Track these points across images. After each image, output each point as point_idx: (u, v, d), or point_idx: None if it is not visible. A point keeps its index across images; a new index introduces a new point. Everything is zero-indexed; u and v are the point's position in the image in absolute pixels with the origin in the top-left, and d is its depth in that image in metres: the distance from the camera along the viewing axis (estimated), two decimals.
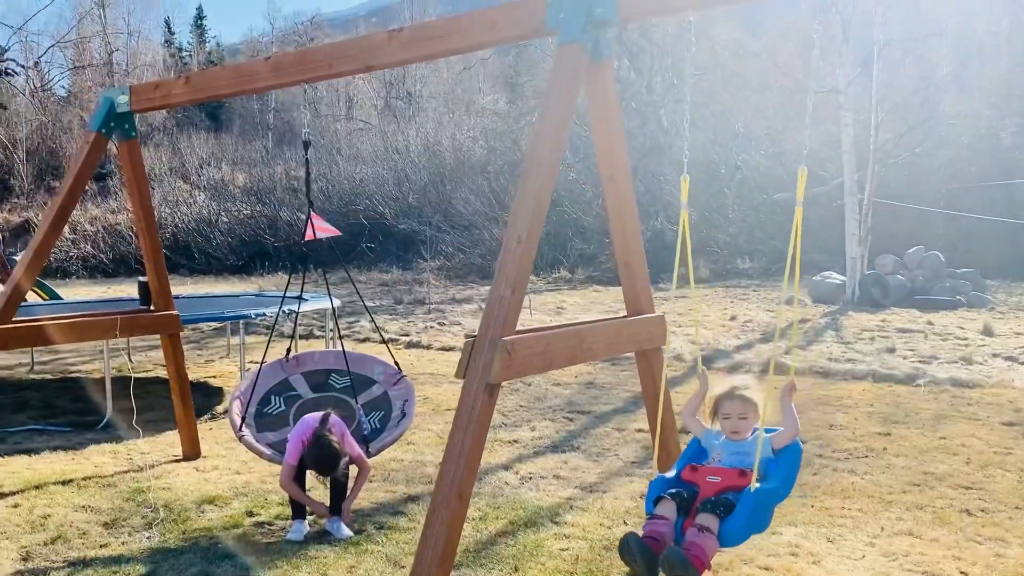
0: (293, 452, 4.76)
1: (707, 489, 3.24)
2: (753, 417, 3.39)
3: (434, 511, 3.08)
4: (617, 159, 3.97)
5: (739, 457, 3.32)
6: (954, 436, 6.83)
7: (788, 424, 3.32)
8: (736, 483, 3.18)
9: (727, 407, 3.40)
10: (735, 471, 3.24)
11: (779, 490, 3.28)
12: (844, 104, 17.44)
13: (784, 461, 3.32)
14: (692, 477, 3.32)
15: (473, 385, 3.19)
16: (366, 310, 6.49)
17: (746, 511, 3.08)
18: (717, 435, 3.53)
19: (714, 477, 3.26)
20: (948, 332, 12.32)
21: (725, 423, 3.43)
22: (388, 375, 6.00)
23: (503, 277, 3.30)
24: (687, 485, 3.30)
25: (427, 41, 4.13)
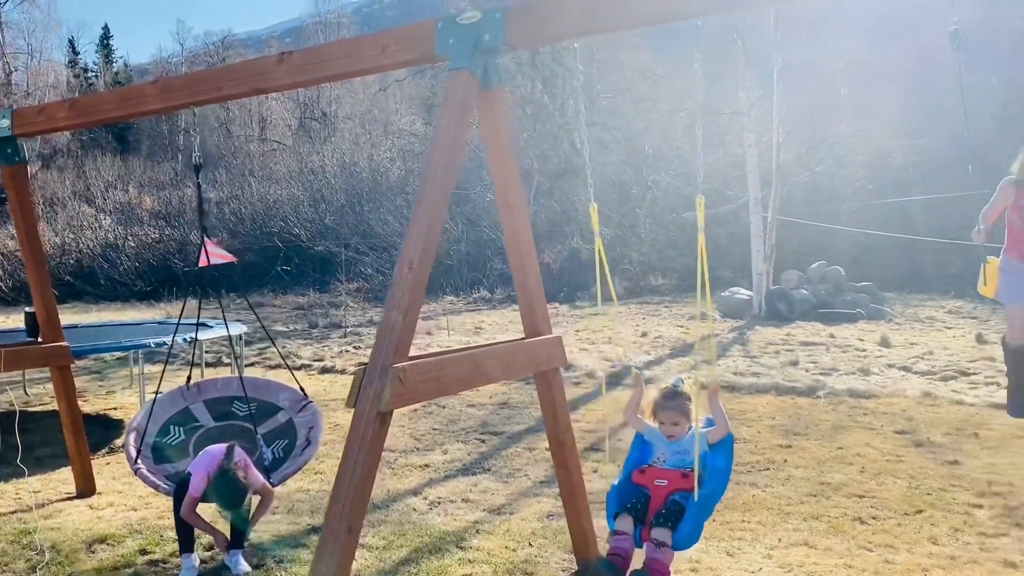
0: (197, 484, 4.61)
1: (656, 494, 3.55)
2: (685, 421, 3.63)
3: (323, 545, 3.02)
4: (511, 185, 4.01)
5: (680, 456, 3.61)
6: (850, 446, 7.08)
7: (719, 421, 3.62)
8: (681, 485, 3.50)
9: (662, 414, 3.64)
10: (678, 473, 3.55)
11: (718, 487, 3.59)
12: (747, 126, 18.02)
13: (719, 456, 3.61)
14: (641, 480, 3.60)
15: (364, 414, 3.15)
16: (268, 335, 6.34)
17: (693, 518, 3.43)
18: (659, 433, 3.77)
19: (661, 480, 3.57)
20: (848, 344, 12.80)
21: (662, 427, 3.66)
22: (293, 401, 5.87)
23: (394, 303, 3.28)
24: (638, 488, 3.59)
25: (317, 65, 4.10)
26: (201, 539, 4.87)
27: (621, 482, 3.66)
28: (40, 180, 41.65)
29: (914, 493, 5.80)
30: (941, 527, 5.13)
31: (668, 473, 3.56)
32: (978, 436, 7.26)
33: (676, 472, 3.55)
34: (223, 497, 4.54)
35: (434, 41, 3.75)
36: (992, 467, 6.36)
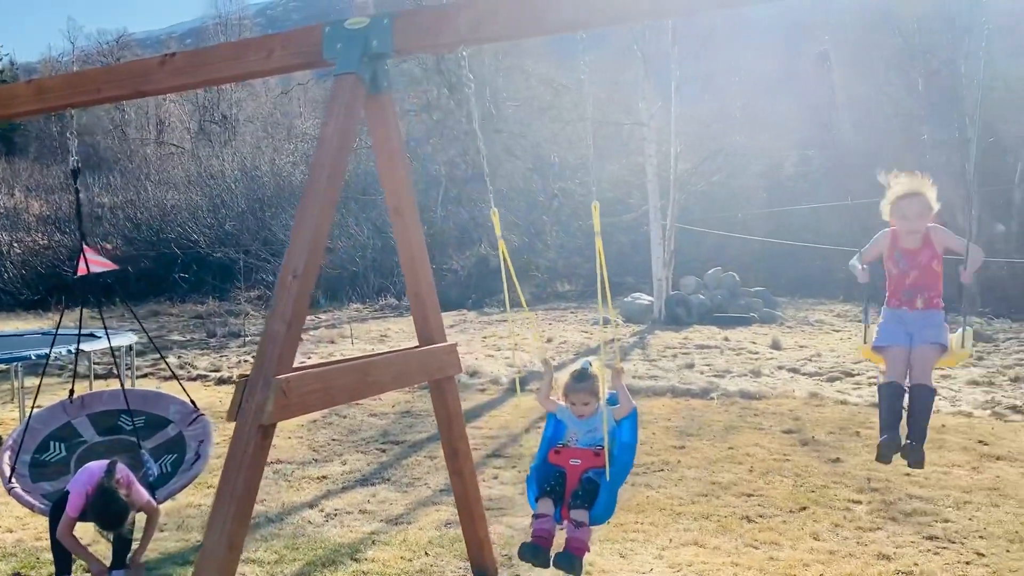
0: (75, 504, 4.38)
1: (572, 473, 3.72)
2: (594, 400, 3.77)
3: (202, 562, 2.92)
4: (402, 192, 3.98)
5: (591, 435, 3.77)
6: (740, 446, 7.32)
7: (623, 399, 3.81)
8: (594, 463, 3.69)
9: (572, 395, 3.77)
10: (591, 451, 3.73)
11: (626, 462, 3.80)
12: (647, 136, 18.46)
13: (625, 431, 3.84)
14: (557, 460, 3.77)
15: (246, 427, 3.07)
16: (155, 347, 6.11)
17: (606, 493, 3.61)
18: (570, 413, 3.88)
19: (576, 460, 3.74)
20: (742, 347, 13.24)
21: (573, 408, 3.79)
22: (183, 414, 5.65)
23: (277, 313, 3.21)
24: (555, 468, 3.76)
25: (202, 67, 3.98)
26: (81, 562, 4.65)
27: (539, 463, 3.82)
28: None
29: (799, 491, 6.03)
30: (823, 523, 5.35)
31: (581, 452, 3.74)
32: (859, 435, 7.62)
33: (589, 451, 3.73)
34: (103, 517, 4.33)
35: (322, 46, 3.70)
36: (872, 464, 6.64)
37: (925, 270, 3.71)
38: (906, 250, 3.72)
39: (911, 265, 3.71)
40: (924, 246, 3.70)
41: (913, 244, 3.71)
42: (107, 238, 31.64)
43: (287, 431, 8.47)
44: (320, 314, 22.25)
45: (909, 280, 3.72)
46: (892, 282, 3.81)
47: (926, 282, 3.70)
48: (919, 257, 3.70)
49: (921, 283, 3.71)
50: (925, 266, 3.70)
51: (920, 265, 3.71)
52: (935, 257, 3.71)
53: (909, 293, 3.72)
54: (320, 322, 20.28)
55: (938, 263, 3.72)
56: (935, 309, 3.73)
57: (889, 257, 3.78)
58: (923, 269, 3.70)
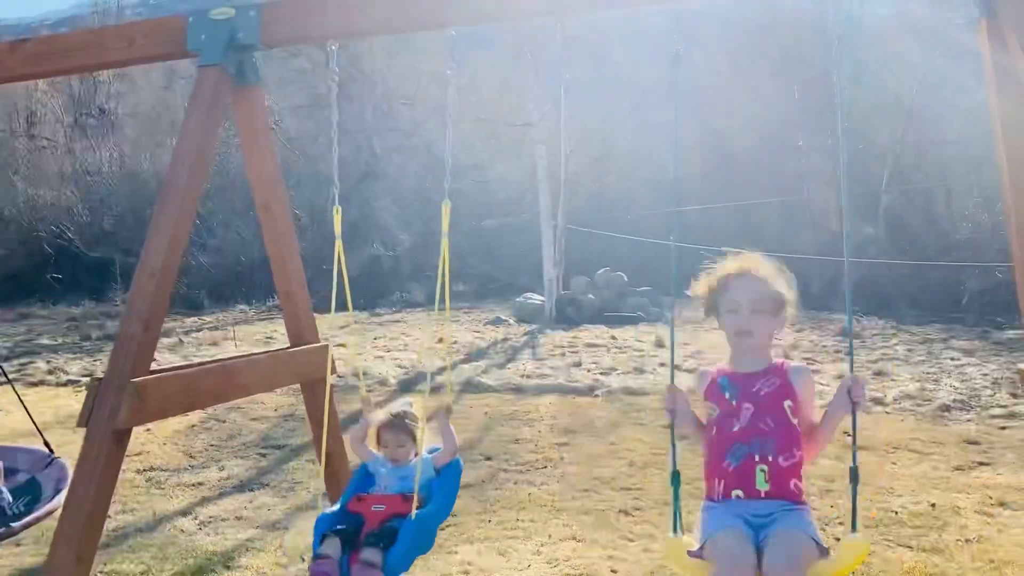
0: None
1: (372, 519, 3.22)
2: (410, 443, 3.41)
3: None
4: (271, 188, 3.88)
5: (404, 482, 3.33)
6: (622, 441, 7.49)
7: (447, 443, 3.42)
8: (400, 509, 3.21)
9: (384, 437, 3.39)
10: (398, 497, 3.27)
11: (439, 511, 3.34)
12: (537, 137, 18.67)
13: (445, 480, 3.41)
14: (358, 508, 3.29)
15: (98, 433, 2.92)
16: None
17: (408, 539, 3.11)
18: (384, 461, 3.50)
19: (379, 506, 3.25)
20: (628, 345, 13.55)
21: (384, 451, 3.43)
22: (34, 461, 5.08)
23: (134, 313, 3.07)
24: (353, 517, 3.27)
25: (55, 55, 3.77)
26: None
27: (333, 512, 3.34)
28: None
29: None
30: (696, 514, 5.52)
31: (388, 499, 3.29)
32: None
33: (396, 497, 3.28)
34: None
35: (185, 36, 3.57)
36: None
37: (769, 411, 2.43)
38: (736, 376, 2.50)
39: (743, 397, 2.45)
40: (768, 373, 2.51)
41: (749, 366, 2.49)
42: None
43: (162, 437, 8.14)
44: (204, 316, 21.52)
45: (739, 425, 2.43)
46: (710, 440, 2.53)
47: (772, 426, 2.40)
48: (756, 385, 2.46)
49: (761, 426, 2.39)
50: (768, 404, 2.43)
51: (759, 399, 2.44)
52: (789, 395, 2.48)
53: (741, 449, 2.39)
54: (203, 324, 19.63)
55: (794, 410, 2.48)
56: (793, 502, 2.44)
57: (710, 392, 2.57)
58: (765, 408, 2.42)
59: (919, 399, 9.06)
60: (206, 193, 29.30)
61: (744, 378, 2.47)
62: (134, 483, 6.61)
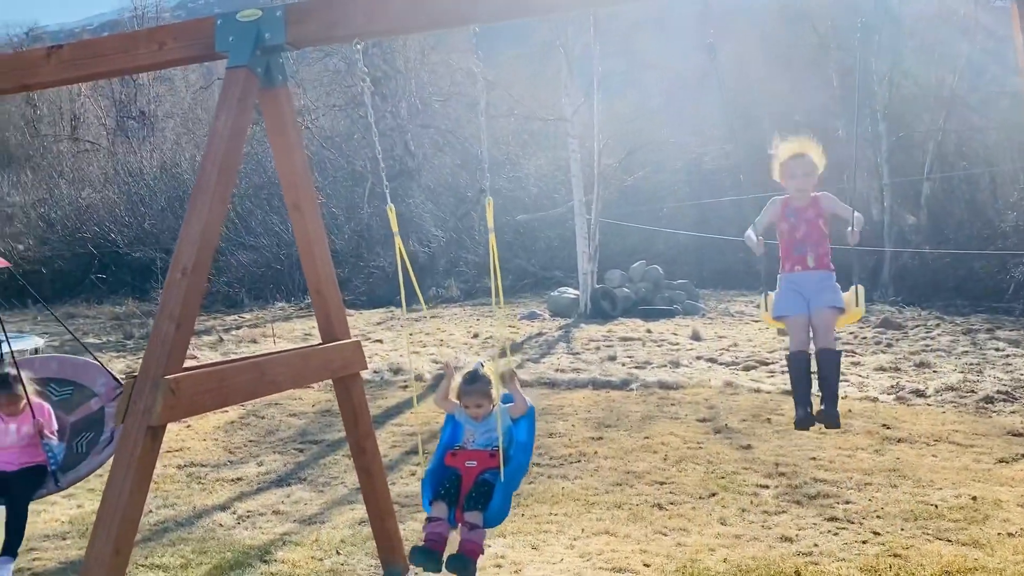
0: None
1: (467, 475, 3.68)
2: (487, 402, 3.73)
3: (87, 570, 2.84)
4: (300, 187, 3.93)
5: (487, 435, 3.74)
6: (656, 435, 7.45)
7: (518, 399, 3.80)
8: (489, 464, 3.66)
9: (465, 398, 3.74)
10: (486, 452, 3.70)
11: (521, 466, 3.75)
12: (571, 132, 18.60)
13: (521, 430, 3.81)
14: (453, 462, 3.73)
15: (133, 429, 2.99)
16: (81, 344, 5.87)
17: (500, 494, 3.58)
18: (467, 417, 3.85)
19: (471, 462, 3.70)
20: (663, 339, 13.47)
21: (468, 410, 3.77)
22: (109, 388, 5.37)
23: (166, 312, 3.13)
24: (450, 470, 3.72)
25: (90, 60, 3.86)
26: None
27: (434, 467, 3.79)
28: None
29: (710, 477, 6.17)
30: (731, 508, 5.49)
31: (477, 454, 3.72)
32: (771, 421, 7.83)
33: (484, 452, 3.71)
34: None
35: (214, 38, 3.63)
36: (780, 450, 6.87)
37: (812, 226, 3.89)
38: (796, 207, 3.92)
39: (800, 220, 3.91)
40: (811, 205, 3.91)
41: (801, 202, 3.91)
42: (18, 238, 30.41)
43: (202, 432, 8.29)
44: (243, 314, 21.83)
45: (799, 234, 3.90)
46: (784, 242, 3.99)
47: (815, 238, 3.89)
48: (807, 213, 3.91)
49: (810, 239, 3.89)
50: (812, 222, 3.89)
51: (808, 220, 3.90)
52: (821, 216, 3.92)
53: (800, 248, 3.89)
54: (243, 322, 19.91)
55: (824, 223, 3.93)
56: (826, 270, 3.91)
57: (781, 218, 3.97)
58: (811, 225, 3.89)
59: (961, 391, 8.89)
60: (244, 192, 29.70)
61: (799, 209, 3.92)
62: (175, 478, 6.74)
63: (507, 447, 3.67)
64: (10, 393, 4.74)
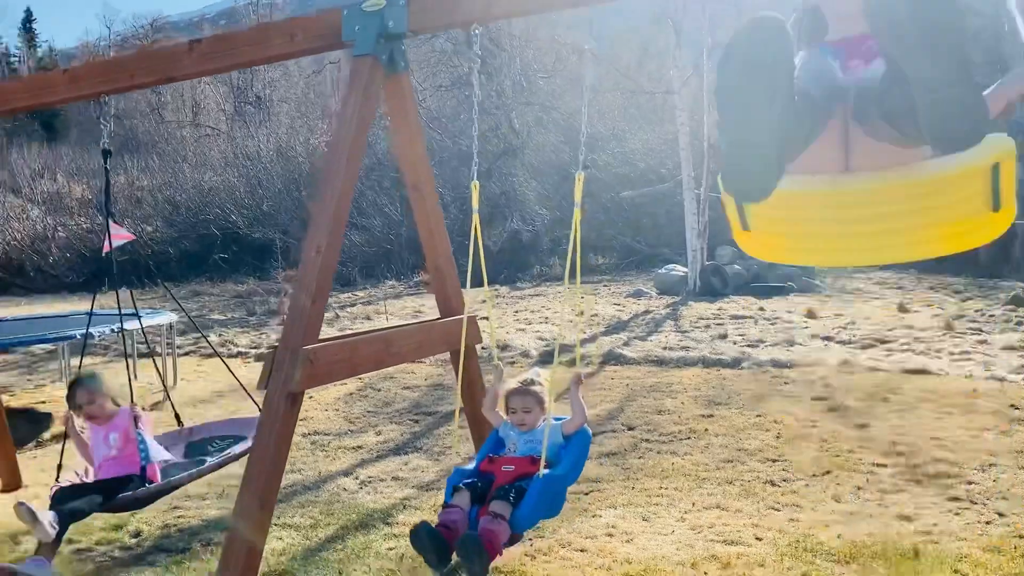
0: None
1: (502, 478, 3.42)
2: (538, 410, 3.58)
3: (237, 520, 3.11)
4: (420, 168, 4.11)
5: (532, 445, 3.52)
6: (769, 413, 7.37)
7: (576, 412, 3.58)
8: (528, 470, 3.38)
9: (512, 402, 3.61)
10: (527, 459, 3.45)
11: (567, 475, 3.50)
12: (679, 104, 18.32)
13: (573, 446, 3.57)
14: (489, 468, 3.51)
15: (275, 395, 3.24)
16: (194, 325, 6.33)
17: (535, 496, 3.26)
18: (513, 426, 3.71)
19: (508, 466, 3.46)
20: (777, 317, 13.19)
21: (513, 417, 3.63)
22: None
23: (303, 288, 3.36)
24: (484, 475, 3.48)
25: (227, 52, 4.13)
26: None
27: (466, 468, 3.57)
28: None
29: (824, 456, 6.09)
30: (845, 486, 5.42)
31: (516, 460, 3.47)
32: (888, 400, 7.63)
33: (525, 459, 3.45)
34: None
35: (341, 28, 3.82)
36: (899, 428, 6.70)
37: None
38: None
39: None
40: None
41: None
42: (147, 220, 32.27)
43: (324, 403, 8.72)
44: (356, 292, 22.59)
45: None
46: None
47: None
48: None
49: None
50: None
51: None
52: None
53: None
54: (356, 299, 20.61)
55: None
56: None
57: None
58: None
59: None
60: (358, 173, 30.62)
61: None
62: (300, 446, 7.14)
63: (551, 460, 3.39)
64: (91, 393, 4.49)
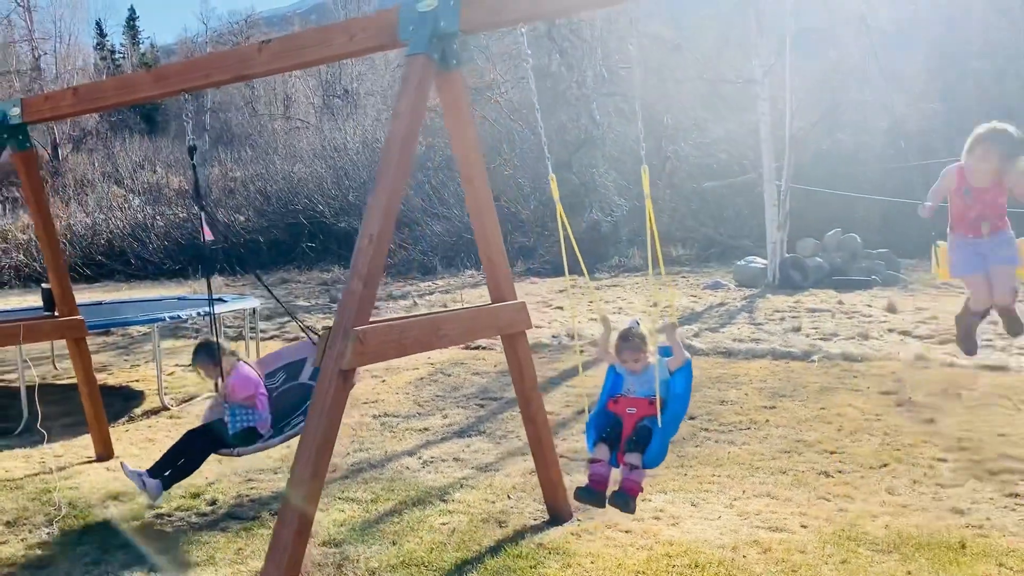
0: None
1: (628, 421, 3.98)
2: (644, 355, 4.03)
3: (292, 487, 3.37)
4: (473, 162, 4.29)
5: (646, 386, 4.01)
6: (833, 406, 7.31)
7: (676, 351, 4.04)
8: (648, 412, 3.93)
9: (624, 353, 4.05)
10: (646, 400, 3.98)
11: (679, 410, 4.01)
12: (761, 94, 18.01)
13: (678, 380, 4.05)
14: (615, 409, 4.05)
15: (328, 371, 3.48)
16: (285, 308, 6.66)
17: (659, 439, 3.86)
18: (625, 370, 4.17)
19: (631, 408, 4.00)
20: (855, 311, 12.92)
21: (624, 364, 4.08)
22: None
23: (355, 273, 3.59)
24: (612, 416, 4.03)
25: (293, 52, 4.39)
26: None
27: (598, 411, 4.10)
28: (71, 162, 42.56)
29: (884, 449, 6.03)
30: (901, 479, 5.38)
31: (637, 402, 4.00)
32: (960, 396, 7.45)
33: (644, 400, 3.98)
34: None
35: (397, 28, 4.03)
36: (967, 424, 6.56)
37: (991, 207, 3.81)
38: (973, 187, 3.78)
39: (976, 200, 3.80)
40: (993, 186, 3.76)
41: (981, 182, 3.76)
42: (239, 210, 33.57)
43: (396, 387, 9.04)
44: (436, 281, 23.03)
45: (973, 213, 3.82)
46: (955, 214, 3.92)
47: (992, 214, 3.80)
48: (985, 196, 3.79)
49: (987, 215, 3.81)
50: (991, 203, 3.81)
51: (986, 202, 3.81)
52: (1002, 194, 3.81)
53: (973, 224, 3.84)
54: (435, 288, 21.03)
55: (1003, 197, 3.82)
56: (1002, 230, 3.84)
57: (955, 193, 3.88)
58: (989, 206, 3.81)
59: None
60: (438, 165, 31.12)
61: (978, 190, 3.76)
62: (370, 427, 7.46)
63: (664, 397, 3.92)
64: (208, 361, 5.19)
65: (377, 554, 4.42)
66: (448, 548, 4.47)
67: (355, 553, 4.44)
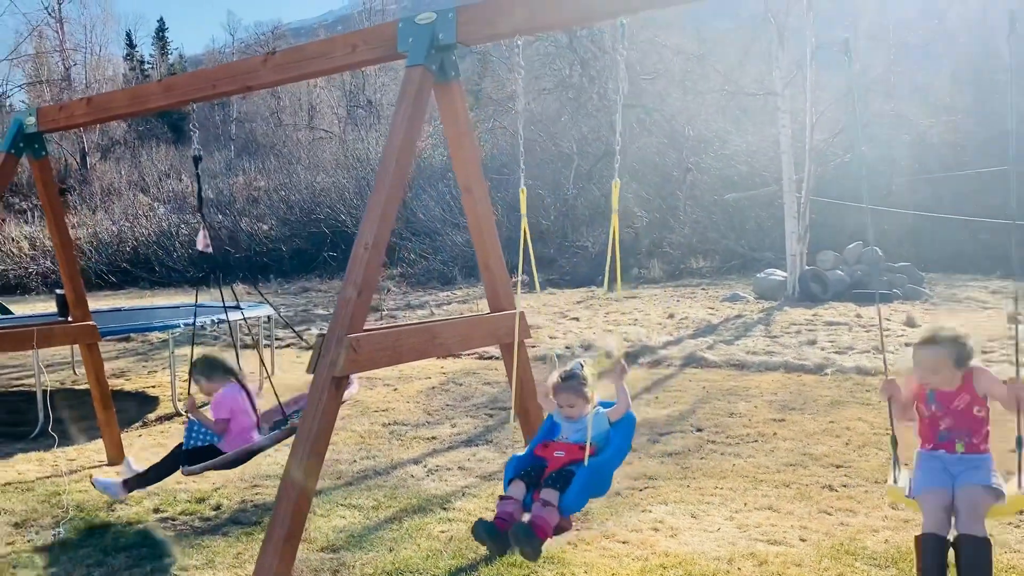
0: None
1: (554, 463, 3.67)
2: (581, 401, 3.79)
3: (282, 494, 3.41)
4: (471, 171, 4.32)
5: (581, 433, 3.73)
6: (842, 420, 7.25)
7: (620, 400, 3.78)
8: (578, 456, 3.62)
9: (559, 396, 3.84)
10: (577, 445, 3.68)
11: (611, 459, 3.73)
12: (781, 106, 17.96)
13: (619, 432, 3.79)
14: (543, 453, 3.77)
15: (321, 378, 3.52)
16: (278, 315, 6.76)
17: (581, 481, 3.52)
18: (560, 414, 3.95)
19: (559, 452, 3.72)
20: (873, 324, 12.80)
21: (561, 409, 3.87)
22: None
23: (350, 280, 3.63)
24: (538, 460, 3.74)
25: (296, 63, 4.47)
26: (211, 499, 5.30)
27: (522, 455, 3.82)
28: (99, 171, 43.25)
29: (891, 464, 5.96)
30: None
31: (568, 447, 3.70)
32: None
33: (575, 446, 3.68)
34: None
35: (396, 40, 4.09)
36: None
37: (963, 415, 3.34)
38: (939, 392, 3.37)
39: (945, 410, 3.37)
40: (961, 390, 3.34)
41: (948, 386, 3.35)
42: (263, 218, 33.91)
43: (407, 396, 9.09)
44: (454, 291, 23.12)
45: (944, 425, 3.38)
46: (923, 425, 3.47)
47: (967, 427, 3.33)
48: (955, 402, 3.35)
49: (960, 428, 3.34)
50: (963, 412, 3.34)
51: (957, 411, 3.36)
52: (976, 403, 3.34)
53: (946, 436, 3.38)
54: (453, 298, 21.11)
55: (981, 408, 3.35)
56: (981, 453, 3.35)
57: (919, 400, 3.47)
58: (961, 415, 3.34)
59: None
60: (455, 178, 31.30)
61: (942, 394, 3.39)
62: (379, 434, 7.50)
63: (600, 445, 3.64)
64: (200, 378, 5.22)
65: (373, 560, 4.45)
66: (444, 555, 4.49)
67: (352, 559, 4.47)
